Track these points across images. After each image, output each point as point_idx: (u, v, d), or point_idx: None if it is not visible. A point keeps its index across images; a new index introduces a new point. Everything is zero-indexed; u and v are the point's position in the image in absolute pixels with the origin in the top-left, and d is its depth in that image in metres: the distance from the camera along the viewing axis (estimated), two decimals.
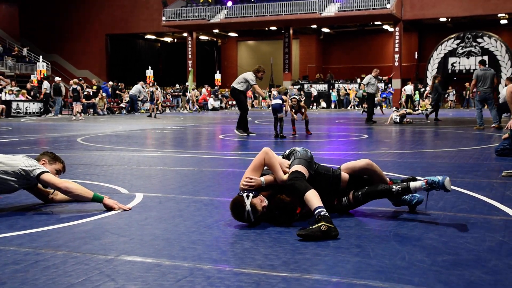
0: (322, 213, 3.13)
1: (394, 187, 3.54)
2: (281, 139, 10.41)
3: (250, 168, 3.59)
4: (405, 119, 15.76)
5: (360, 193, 3.62)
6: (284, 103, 11.22)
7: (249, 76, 11.78)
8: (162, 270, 2.55)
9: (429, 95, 22.88)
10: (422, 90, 29.02)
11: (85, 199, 3.92)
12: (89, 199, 3.89)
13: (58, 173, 4.08)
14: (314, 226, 3.05)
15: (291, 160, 3.61)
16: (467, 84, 30.09)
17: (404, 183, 3.54)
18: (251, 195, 3.36)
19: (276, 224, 3.44)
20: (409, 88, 28.54)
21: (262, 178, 3.53)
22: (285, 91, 12.11)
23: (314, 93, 34.16)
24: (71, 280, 2.42)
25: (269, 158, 3.55)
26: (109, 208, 3.87)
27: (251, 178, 3.49)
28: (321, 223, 3.05)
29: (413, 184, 3.50)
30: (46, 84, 24.85)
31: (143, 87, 26.62)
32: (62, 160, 4.19)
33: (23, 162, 3.88)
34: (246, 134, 11.51)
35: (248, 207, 3.33)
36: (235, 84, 11.91)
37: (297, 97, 12.26)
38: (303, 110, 11.76)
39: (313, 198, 3.24)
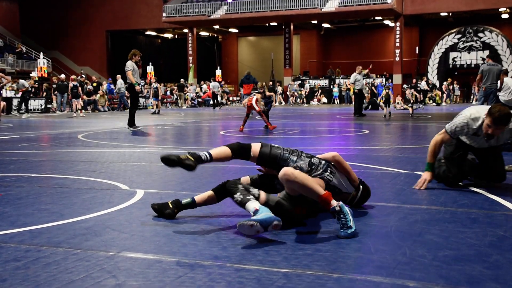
0: (197, 153, 3.47)
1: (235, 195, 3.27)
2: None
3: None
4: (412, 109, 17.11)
5: None
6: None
7: (126, 65, 12.28)
8: (163, 266, 2.56)
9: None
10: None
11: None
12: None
13: None
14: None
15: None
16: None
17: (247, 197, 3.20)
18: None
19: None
20: (422, 84, 28.64)
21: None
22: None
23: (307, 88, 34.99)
24: (72, 276, 2.42)
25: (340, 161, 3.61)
26: None
27: None
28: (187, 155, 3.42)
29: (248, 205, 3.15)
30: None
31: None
32: None
33: None
34: (139, 128, 12.24)
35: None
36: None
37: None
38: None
39: (217, 149, 3.53)
